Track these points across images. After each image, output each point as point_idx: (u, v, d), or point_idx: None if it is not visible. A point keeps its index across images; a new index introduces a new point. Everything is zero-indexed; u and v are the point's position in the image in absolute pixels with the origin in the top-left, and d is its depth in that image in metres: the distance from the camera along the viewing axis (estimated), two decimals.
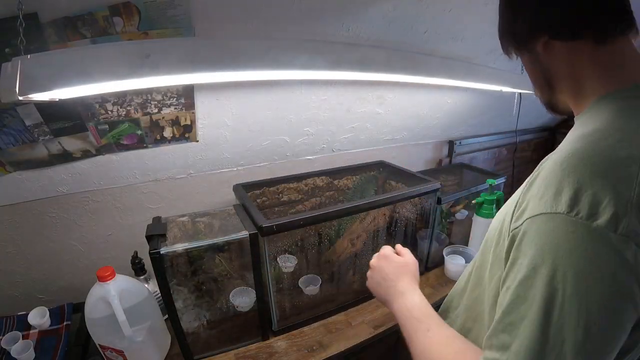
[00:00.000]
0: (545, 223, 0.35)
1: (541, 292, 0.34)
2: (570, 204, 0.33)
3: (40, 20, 0.64)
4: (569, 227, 0.33)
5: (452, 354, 0.47)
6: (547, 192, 0.35)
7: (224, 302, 0.93)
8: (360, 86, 1.19)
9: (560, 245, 0.33)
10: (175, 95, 0.90)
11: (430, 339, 0.51)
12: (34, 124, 0.78)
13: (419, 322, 0.55)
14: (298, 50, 0.68)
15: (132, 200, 1.07)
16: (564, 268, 0.33)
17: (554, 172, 0.36)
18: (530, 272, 0.35)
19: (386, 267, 0.66)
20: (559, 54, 0.47)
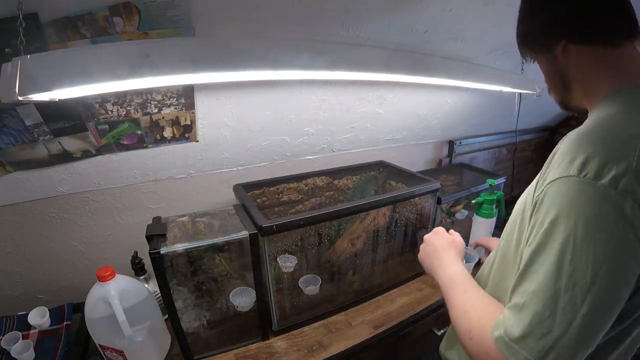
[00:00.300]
0: (561, 185, 0.42)
1: (558, 240, 0.41)
2: (581, 168, 0.41)
3: (40, 20, 0.64)
4: (579, 186, 0.41)
5: (483, 307, 0.54)
6: (563, 161, 0.43)
7: (224, 302, 0.93)
8: (360, 86, 1.19)
9: (573, 201, 0.41)
10: (175, 95, 0.90)
11: (465, 296, 0.58)
12: (34, 124, 0.78)
13: (458, 284, 0.62)
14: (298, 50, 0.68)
15: (132, 200, 1.07)
16: (575, 219, 0.40)
17: (569, 146, 0.44)
18: (549, 225, 0.42)
19: (436, 242, 0.75)
20: (574, 57, 0.53)
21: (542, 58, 0.59)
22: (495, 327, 0.46)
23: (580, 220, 0.40)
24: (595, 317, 0.40)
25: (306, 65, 0.70)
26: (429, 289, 1.17)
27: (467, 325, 0.53)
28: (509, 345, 0.43)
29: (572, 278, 0.40)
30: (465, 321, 0.54)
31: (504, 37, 1.26)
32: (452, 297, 0.60)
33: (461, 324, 0.55)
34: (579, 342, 0.40)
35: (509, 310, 0.46)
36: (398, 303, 1.10)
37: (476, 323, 0.52)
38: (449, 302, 0.61)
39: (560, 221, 0.41)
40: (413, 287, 1.18)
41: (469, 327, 0.52)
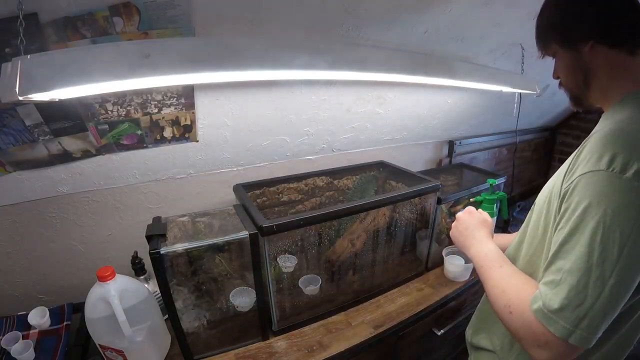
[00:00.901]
0: (591, 177, 0.48)
1: (590, 224, 0.47)
2: (609, 164, 0.47)
3: (40, 20, 0.64)
4: (608, 179, 0.47)
5: (519, 283, 0.59)
6: (592, 157, 0.49)
7: (224, 302, 0.93)
8: (360, 86, 1.19)
9: (603, 191, 0.47)
10: (175, 95, 0.90)
11: (502, 272, 0.63)
12: (34, 124, 0.78)
13: (494, 261, 0.67)
14: (298, 50, 0.68)
15: (132, 200, 1.07)
16: (605, 207, 0.47)
17: (596, 145, 0.50)
18: (581, 212, 0.48)
19: (468, 220, 0.80)
20: (601, 58, 0.58)
21: (565, 53, 0.61)
22: (534, 300, 0.52)
23: (609, 208, 0.46)
24: (621, 287, 0.47)
25: (306, 65, 0.70)
26: (429, 289, 1.17)
27: (506, 301, 0.58)
28: (548, 317, 0.49)
29: (602, 255, 0.46)
30: (504, 297, 0.58)
31: (504, 37, 1.26)
32: (487, 273, 0.66)
33: (500, 299, 0.59)
34: (607, 309, 0.47)
35: (545, 286, 0.51)
36: (398, 303, 1.10)
37: (515, 298, 0.56)
38: (485, 278, 0.66)
39: (591, 208, 0.47)
40: (413, 287, 1.18)
41: (508, 303, 0.57)
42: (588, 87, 0.61)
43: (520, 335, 0.54)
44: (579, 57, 0.59)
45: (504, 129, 2.07)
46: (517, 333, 0.55)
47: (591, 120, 2.33)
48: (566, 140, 2.52)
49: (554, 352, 0.50)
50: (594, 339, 0.48)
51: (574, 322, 0.47)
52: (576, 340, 0.47)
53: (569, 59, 0.62)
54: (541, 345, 0.51)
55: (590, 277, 0.47)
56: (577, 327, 0.47)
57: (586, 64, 0.59)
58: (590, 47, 0.57)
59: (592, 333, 0.47)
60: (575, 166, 0.52)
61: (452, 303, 1.17)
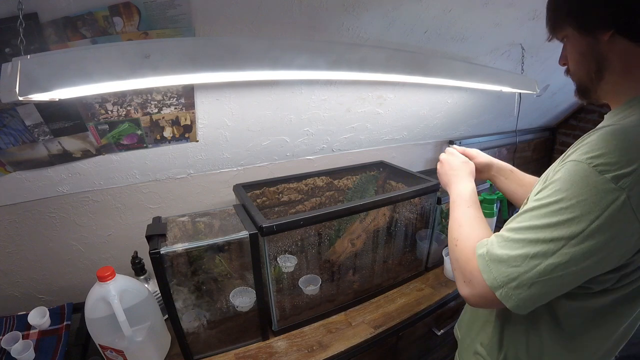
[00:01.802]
0: (573, 165, 0.49)
1: (553, 206, 0.49)
2: (594, 159, 0.47)
3: (40, 20, 0.64)
4: (585, 171, 0.47)
5: (476, 226, 0.64)
6: (584, 149, 0.49)
7: (224, 302, 0.93)
8: (360, 86, 1.19)
9: (576, 181, 0.48)
10: (175, 95, 0.90)
11: (467, 211, 0.68)
12: (34, 124, 0.78)
13: (465, 200, 0.71)
14: (298, 50, 0.68)
15: (132, 200, 1.07)
16: (573, 196, 0.47)
17: (595, 140, 0.49)
18: (551, 193, 0.50)
19: (453, 161, 0.84)
20: (620, 49, 0.53)
21: (580, 38, 0.56)
22: (480, 245, 0.56)
23: (575, 199, 0.47)
24: (557, 270, 0.48)
25: (306, 65, 0.69)
26: (429, 289, 1.17)
27: (457, 234, 0.64)
28: (487, 264, 0.53)
29: (551, 234, 0.48)
30: (458, 231, 0.65)
31: (504, 37, 1.26)
32: (456, 209, 0.70)
33: (454, 231, 0.66)
34: (537, 283, 0.49)
35: (495, 237, 0.55)
36: (398, 303, 1.10)
37: (465, 235, 0.63)
38: (451, 213, 0.71)
39: (560, 193, 0.49)
40: (413, 287, 1.18)
41: (458, 237, 0.64)
42: (600, 79, 0.57)
43: (455, 266, 0.61)
44: (595, 45, 0.55)
45: (504, 129, 2.07)
46: (454, 262, 0.62)
47: (591, 120, 2.33)
48: (566, 140, 2.52)
49: (475, 292, 0.55)
50: (520, 306, 0.51)
51: (504, 279, 0.51)
52: (500, 295, 0.51)
53: (583, 46, 0.56)
54: (467, 282, 0.57)
55: (533, 248, 0.49)
56: (505, 284, 0.51)
57: (602, 53, 0.55)
58: (610, 36, 0.52)
59: (518, 297, 0.50)
60: (570, 153, 0.53)
61: (452, 303, 1.17)
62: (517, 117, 1.76)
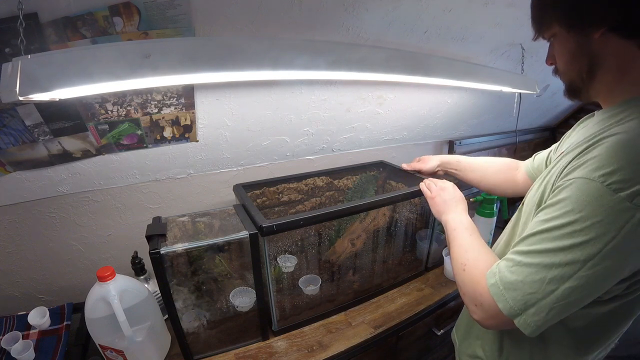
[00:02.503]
0: (584, 184, 0.47)
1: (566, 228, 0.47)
2: (607, 177, 0.45)
3: (40, 20, 0.64)
4: (599, 191, 0.45)
5: (482, 252, 0.63)
6: (593, 164, 0.47)
7: (224, 302, 0.93)
8: (360, 86, 1.19)
9: (590, 202, 0.45)
10: (175, 95, 0.90)
11: (470, 238, 0.68)
12: (34, 124, 0.78)
13: (467, 229, 0.72)
14: (298, 50, 0.68)
15: (132, 200, 1.07)
16: (586, 217, 0.45)
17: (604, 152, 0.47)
18: (562, 213, 0.48)
19: (454, 192, 0.88)
20: (611, 46, 0.51)
21: (569, 37, 0.54)
22: (491, 275, 0.54)
23: (590, 220, 0.45)
24: (575, 293, 0.47)
25: (306, 65, 0.69)
26: (429, 289, 1.17)
27: (465, 259, 0.64)
28: (501, 293, 0.52)
29: (566, 258, 0.47)
30: (464, 255, 0.64)
31: (504, 37, 1.26)
32: (458, 236, 0.71)
33: (460, 257, 0.65)
34: (555, 308, 0.48)
35: (505, 262, 0.53)
36: (398, 303, 1.10)
37: (472, 260, 0.62)
38: (454, 240, 0.71)
39: (573, 214, 0.47)
40: (413, 287, 1.18)
41: (465, 261, 0.63)
42: (592, 79, 0.55)
43: (464, 291, 0.60)
44: (586, 44, 0.52)
45: (504, 129, 2.07)
46: (462, 287, 0.61)
47: None
48: None
49: (487, 316, 0.54)
50: (537, 331, 0.50)
51: (522, 306, 0.49)
52: (519, 323, 0.50)
53: (573, 45, 0.54)
54: (477, 305, 0.56)
55: (549, 273, 0.48)
56: (524, 311, 0.50)
57: (594, 52, 0.52)
58: (602, 34, 0.50)
59: (537, 324, 0.49)
60: (575, 166, 0.50)
61: (452, 303, 1.17)
62: (517, 117, 1.76)
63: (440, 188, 0.90)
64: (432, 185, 0.93)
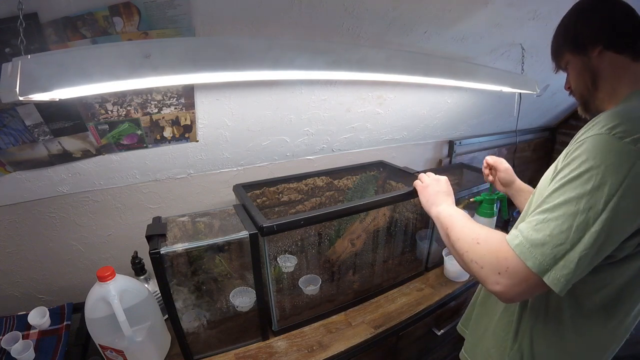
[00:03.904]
0: (593, 139, 0.53)
1: (583, 176, 0.51)
2: (611, 129, 0.52)
3: (40, 20, 0.64)
4: (608, 140, 0.51)
5: (484, 230, 0.64)
6: (597, 125, 0.54)
7: (224, 302, 0.93)
8: (360, 86, 1.19)
9: (601, 150, 0.51)
10: (175, 95, 0.90)
11: (469, 222, 0.69)
12: (34, 124, 0.78)
13: (463, 216, 0.72)
14: (298, 50, 0.68)
15: (132, 200, 1.07)
16: (600, 162, 0.51)
17: (602, 118, 0.55)
18: (578, 165, 0.52)
19: (445, 186, 0.88)
20: (607, 61, 0.64)
21: (577, 59, 0.68)
22: (513, 237, 0.55)
23: (603, 164, 0.50)
24: (601, 236, 0.50)
25: (306, 65, 0.69)
26: (429, 289, 1.17)
27: (475, 235, 0.63)
28: (528, 250, 0.52)
29: (588, 203, 0.50)
30: (475, 232, 0.64)
31: (504, 37, 1.26)
32: (457, 222, 0.71)
33: (468, 234, 0.65)
34: (583, 255, 0.50)
35: (527, 224, 0.55)
36: (398, 303, 1.10)
37: (485, 233, 0.62)
38: (453, 224, 0.71)
39: (587, 162, 0.52)
40: (413, 287, 1.18)
41: (476, 236, 0.63)
42: (596, 89, 0.67)
43: (483, 263, 0.58)
44: (588, 62, 0.66)
45: (504, 129, 2.07)
46: (480, 260, 0.59)
47: None
48: (566, 140, 2.51)
49: (514, 282, 0.54)
50: (566, 286, 0.51)
51: (551, 260, 0.51)
52: (549, 279, 0.51)
53: (579, 64, 0.68)
54: (502, 274, 0.55)
55: (574, 220, 0.50)
56: (553, 266, 0.51)
57: (594, 67, 0.65)
58: (599, 52, 0.64)
59: (566, 278, 0.50)
60: (582, 133, 0.56)
61: (452, 303, 1.17)
62: (517, 117, 1.76)
63: (435, 179, 0.91)
64: (424, 176, 0.93)
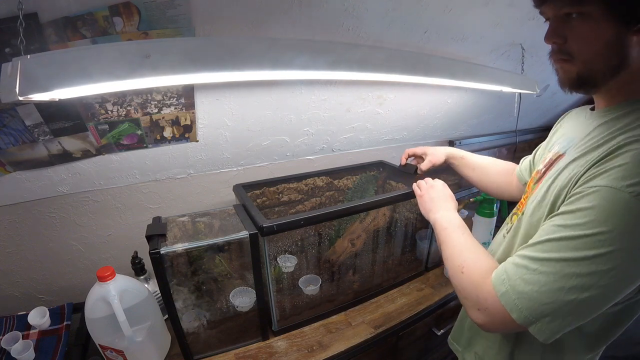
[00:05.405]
0: (609, 193, 0.44)
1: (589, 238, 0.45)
2: (635, 187, 0.43)
3: (40, 20, 0.64)
4: (625, 201, 0.43)
5: (478, 252, 0.61)
6: (618, 174, 0.45)
7: (224, 302, 0.93)
8: (360, 86, 1.19)
9: (615, 211, 0.44)
10: (175, 95, 0.90)
11: (464, 237, 0.66)
12: (34, 124, 0.78)
13: (459, 227, 0.69)
14: (298, 50, 0.68)
15: (132, 200, 1.07)
16: (612, 227, 0.44)
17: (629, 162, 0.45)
18: (584, 222, 0.45)
19: (443, 191, 0.86)
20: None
21: (610, 25, 0.47)
22: (499, 281, 0.52)
23: (616, 230, 0.44)
24: (594, 301, 0.46)
25: (306, 65, 0.69)
26: (429, 289, 1.17)
27: (462, 261, 0.61)
28: (514, 302, 0.49)
29: (589, 268, 0.45)
30: (461, 257, 0.62)
31: (504, 37, 1.26)
32: (451, 235, 0.68)
33: (456, 258, 0.63)
34: (572, 318, 0.47)
35: (515, 268, 0.51)
36: (398, 303, 1.10)
37: (470, 261, 0.60)
38: (445, 240, 0.69)
39: (596, 225, 0.45)
40: (413, 287, 1.18)
41: (463, 263, 0.60)
42: (614, 76, 0.51)
43: (465, 294, 0.58)
44: (625, 38, 0.47)
45: (504, 129, 2.07)
46: (462, 290, 0.59)
47: None
48: None
49: (494, 321, 0.52)
50: (551, 337, 0.49)
51: (538, 314, 0.48)
52: (534, 330, 0.49)
53: (610, 35, 0.47)
54: (481, 310, 0.54)
55: (568, 282, 0.46)
56: (540, 319, 0.48)
57: (628, 48, 0.48)
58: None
59: (552, 330, 0.48)
60: (596, 173, 0.47)
61: (452, 303, 1.17)
62: (517, 117, 1.76)
63: (430, 186, 0.89)
64: (422, 184, 0.93)
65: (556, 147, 0.65)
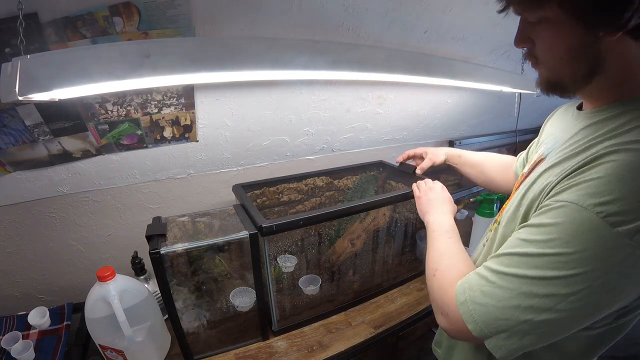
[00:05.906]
0: (577, 211, 0.41)
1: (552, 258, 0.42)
2: (603, 207, 0.39)
3: (40, 20, 0.64)
4: (594, 223, 0.39)
5: (458, 258, 0.61)
6: (587, 190, 0.41)
7: (224, 302, 0.93)
8: (360, 86, 1.19)
9: (582, 233, 0.40)
10: (175, 95, 0.90)
11: (448, 242, 0.66)
12: (34, 124, 0.78)
13: (447, 231, 0.69)
14: (298, 50, 0.68)
15: (132, 200, 1.07)
16: (576, 249, 0.40)
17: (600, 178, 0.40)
18: (548, 239, 0.43)
19: (441, 194, 0.85)
20: (622, 48, 0.43)
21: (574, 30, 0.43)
22: (461, 290, 0.51)
23: (579, 252, 0.40)
24: (553, 325, 0.43)
25: (306, 65, 0.69)
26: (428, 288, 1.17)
27: (437, 264, 0.62)
28: (470, 313, 0.48)
29: (546, 289, 0.42)
30: (438, 260, 0.63)
31: (504, 37, 1.25)
32: (437, 238, 0.68)
33: (434, 261, 0.63)
34: (532, 337, 0.45)
35: (479, 278, 0.49)
36: (398, 303, 1.10)
37: (445, 266, 0.60)
38: (432, 242, 0.69)
39: (559, 244, 0.42)
40: (413, 287, 1.18)
41: (437, 267, 0.61)
42: (586, 83, 0.47)
43: (432, 298, 0.59)
44: (593, 44, 0.43)
45: (504, 129, 2.07)
46: (431, 293, 0.60)
47: None
48: None
49: (454, 328, 0.52)
50: (510, 354, 0.46)
51: (493, 330, 0.46)
52: (490, 345, 0.47)
53: (574, 41, 0.44)
54: (444, 315, 0.54)
55: (524, 301, 0.43)
56: (495, 335, 0.46)
57: (599, 53, 0.44)
58: (618, 39, 0.41)
59: (509, 348, 0.46)
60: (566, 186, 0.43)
61: None
62: (517, 117, 1.76)
63: (429, 188, 0.89)
64: (421, 185, 0.93)
65: (542, 148, 0.62)
